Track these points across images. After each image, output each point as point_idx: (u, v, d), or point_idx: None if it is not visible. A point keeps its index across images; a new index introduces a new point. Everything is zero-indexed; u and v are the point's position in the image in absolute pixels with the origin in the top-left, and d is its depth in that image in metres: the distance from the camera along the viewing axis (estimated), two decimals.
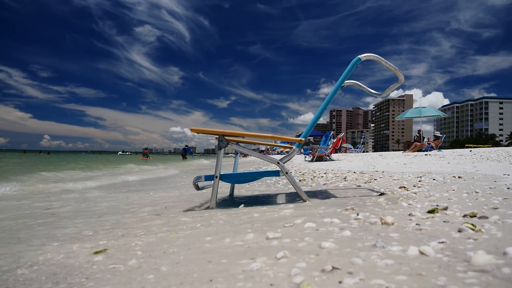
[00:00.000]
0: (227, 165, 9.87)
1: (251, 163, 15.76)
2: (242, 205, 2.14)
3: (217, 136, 2.08)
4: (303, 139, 2.14)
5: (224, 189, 3.34)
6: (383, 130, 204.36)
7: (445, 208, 1.50)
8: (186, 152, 29.12)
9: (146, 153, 28.90)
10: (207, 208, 2.17)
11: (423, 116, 15.23)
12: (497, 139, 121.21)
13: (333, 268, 0.86)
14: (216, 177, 2.05)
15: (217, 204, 2.19)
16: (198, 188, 2.38)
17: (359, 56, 2.17)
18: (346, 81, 2.31)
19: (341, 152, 24.58)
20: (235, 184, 3.13)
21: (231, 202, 2.48)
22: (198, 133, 2.06)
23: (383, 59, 2.16)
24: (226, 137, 2.08)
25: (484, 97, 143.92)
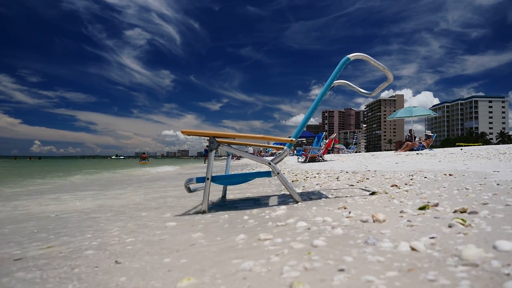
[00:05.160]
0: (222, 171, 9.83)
1: (245, 165, 15.72)
2: (234, 207, 2.12)
3: (208, 138, 2.07)
4: (294, 139, 2.13)
5: (217, 192, 3.32)
6: (375, 130, 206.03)
7: (436, 205, 1.51)
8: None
9: (145, 157, 29.10)
10: (199, 211, 2.15)
11: (414, 116, 15.37)
12: (487, 137, 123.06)
13: (325, 265, 0.85)
14: (208, 179, 2.03)
15: (209, 206, 2.17)
16: (189, 190, 2.36)
17: (348, 55, 2.17)
18: (335, 81, 2.32)
19: (334, 153, 24.71)
20: (228, 186, 3.11)
21: (223, 204, 2.46)
22: (188, 135, 2.05)
23: (372, 58, 2.17)
24: (217, 139, 2.07)
25: (473, 96, 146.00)
